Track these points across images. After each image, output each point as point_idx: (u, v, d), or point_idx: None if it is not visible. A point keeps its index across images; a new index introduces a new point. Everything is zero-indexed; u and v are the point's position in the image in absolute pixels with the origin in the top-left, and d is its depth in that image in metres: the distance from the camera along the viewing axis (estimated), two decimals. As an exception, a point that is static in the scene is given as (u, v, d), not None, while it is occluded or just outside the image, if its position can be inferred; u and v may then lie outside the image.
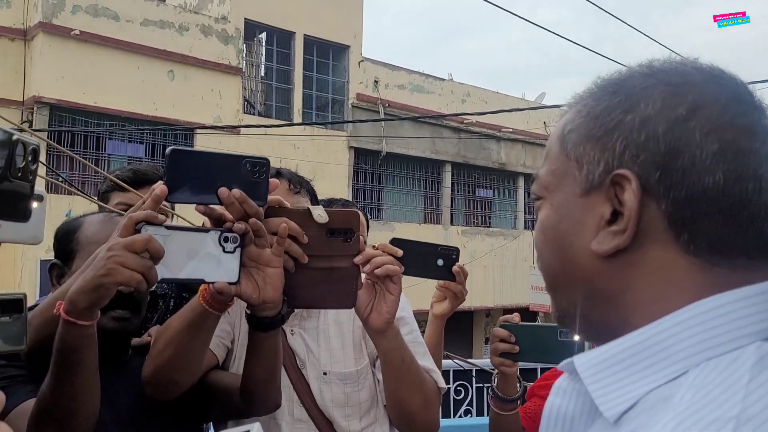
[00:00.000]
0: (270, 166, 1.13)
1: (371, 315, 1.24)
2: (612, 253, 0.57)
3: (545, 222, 0.65)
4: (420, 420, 1.42)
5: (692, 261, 0.56)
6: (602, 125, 0.60)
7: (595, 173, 0.59)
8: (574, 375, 0.60)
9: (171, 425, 1.40)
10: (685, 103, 0.57)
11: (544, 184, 0.65)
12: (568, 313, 0.64)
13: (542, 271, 0.67)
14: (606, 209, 0.58)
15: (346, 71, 14.41)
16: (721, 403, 0.47)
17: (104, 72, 11.18)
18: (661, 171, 0.56)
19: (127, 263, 0.98)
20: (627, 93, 0.60)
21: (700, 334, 0.52)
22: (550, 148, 0.66)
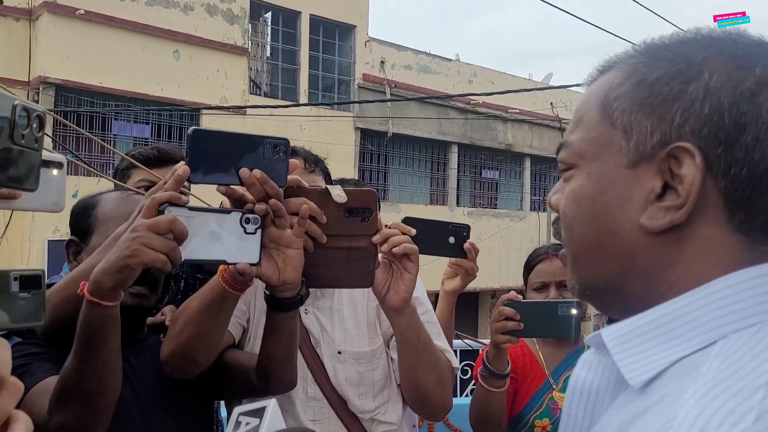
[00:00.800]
0: (290, 146, 1.12)
1: (388, 294, 1.24)
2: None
3: (580, 192, 0.61)
4: (434, 399, 1.43)
5: (740, 240, 0.55)
6: (659, 94, 0.56)
7: (647, 144, 0.57)
8: (601, 348, 0.60)
9: (187, 402, 1.42)
10: (753, 77, 0.55)
11: (579, 152, 0.62)
12: (595, 287, 0.62)
13: (569, 243, 0.64)
14: (657, 182, 0.56)
15: (353, 51, 14.32)
16: (750, 370, 0.47)
17: (109, 52, 11.13)
18: (724, 146, 0.54)
19: (151, 244, 0.98)
20: (688, 61, 0.56)
21: (728, 306, 0.52)
22: (585, 114, 0.62)
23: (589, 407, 0.62)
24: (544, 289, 1.89)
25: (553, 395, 1.83)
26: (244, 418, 0.85)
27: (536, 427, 1.79)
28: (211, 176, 1.05)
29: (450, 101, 14.95)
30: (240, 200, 1.10)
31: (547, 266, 1.91)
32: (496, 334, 1.64)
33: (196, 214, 1.03)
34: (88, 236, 1.37)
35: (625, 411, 0.55)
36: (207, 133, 1.06)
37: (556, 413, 1.79)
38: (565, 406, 0.64)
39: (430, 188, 15.85)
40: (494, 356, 1.68)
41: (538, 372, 1.86)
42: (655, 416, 0.49)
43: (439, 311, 1.90)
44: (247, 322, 1.54)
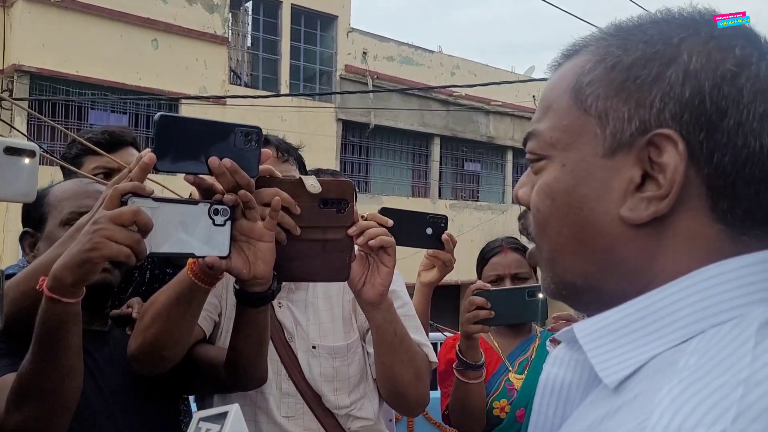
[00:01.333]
0: (262, 135, 1.08)
1: (364, 287, 1.20)
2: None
3: (554, 185, 0.57)
4: (411, 394, 1.40)
5: (722, 229, 0.52)
6: (637, 78, 0.53)
7: (624, 131, 0.53)
8: (572, 344, 0.57)
9: (154, 397, 1.37)
10: (732, 58, 0.52)
11: (551, 141, 0.58)
12: (572, 285, 0.59)
13: (543, 240, 0.59)
14: (636, 172, 0.53)
15: (334, 42, 14.22)
16: (728, 367, 0.45)
17: (86, 40, 10.95)
18: (706, 132, 0.50)
19: (114, 237, 0.93)
20: (664, 42, 0.53)
21: (704, 300, 0.50)
22: (555, 101, 0.58)
23: (560, 404, 0.59)
24: (499, 281, 1.93)
25: (509, 377, 1.86)
26: (205, 424, 0.81)
27: (494, 408, 1.81)
28: (179, 165, 1.01)
29: (432, 93, 14.93)
30: (209, 190, 1.06)
31: (501, 259, 1.94)
32: (468, 324, 1.66)
33: (162, 205, 0.99)
34: (43, 223, 1.33)
35: (596, 409, 0.53)
36: (175, 119, 1.02)
37: (513, 394, 1.83)
38: (536, 403, 0.62)
39: (412, 180, 15.84)
40: (467, 348, 1.70)
41: (493, 357, 1.90)
42: (627, 416, 0.47)
43: (416, 303, 1.89)
44: (219, 316, 1.49)
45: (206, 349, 1.42)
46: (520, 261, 1.95)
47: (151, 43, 11.82)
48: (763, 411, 0.42)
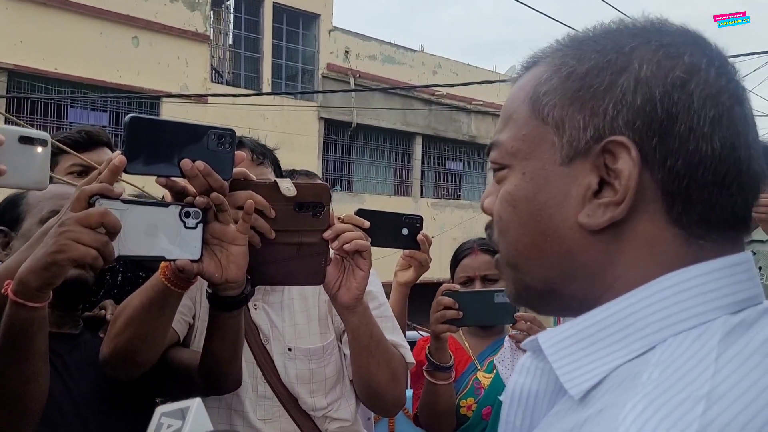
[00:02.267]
0: (236, 137, 1.08)
1: (340, 291, 1.20)
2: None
3: (515, 193, 0.58)
4: (387, 395, 1.40)
5: (678, 233, 0.53)
6: (590, 87, 0.54)
7: (580, 139, 0.54)
8: (538, 353, 0.58)
9: (127, 401, 1.36)
10: (682, 65, 0.53)
11: (511, 150, 0.59)
12: (533, 290, 0.60)
13: (505, 247, 0.60)
14: (593, 179, 0.54)
15: (317, 40, 14.17)
16: (690, 381, 0.45)
17: (65, 37, 10.80)
18: (659, 138, 0.52)
19: (81, 239, 0.92)
20: (616, 51, 0.54)
21: (666, 309, 0.51)
22: (515, 111, 0.59)
23: (528, 413, 0.60)
24: (470, 283, 1.93)
25: (478, 375, 1.87)
26: (167, 420, 0.80)
27: (462, 407, 1.82)
28: (151, 167, 1.00)
29: (414, 92, 14.93)
30: (181, 193, 1.05)
31: (471, 261, 1.95)
32: (436, 324, 1.66)
33: (131, 207, 0.98)
34: (19, 223, 1.31)
35: (563, 421, 0.53)
36: (146, 121, 1.01)
37: (480, 392, 1.83)
38: (503, 413, 0.62)
39: (394, 179, 15.83)
40: (436, 349, 1.71)
41: (463, 357, 1.90)
42: (592, 430, 0.47)
43: (392, 302, 1.90)
44: (193, 318, 1.48)
45: (180, 353, 1.41)
46: (490, 263, 1.95)
47: (131, 41, 11.68)
48: (724, 426, 0.42)
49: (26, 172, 0.97)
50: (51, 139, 1.01)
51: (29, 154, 0.98)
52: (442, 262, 1.83)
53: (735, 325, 0.49)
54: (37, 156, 0.99)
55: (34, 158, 0.99)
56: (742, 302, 0.51)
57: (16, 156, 0.97)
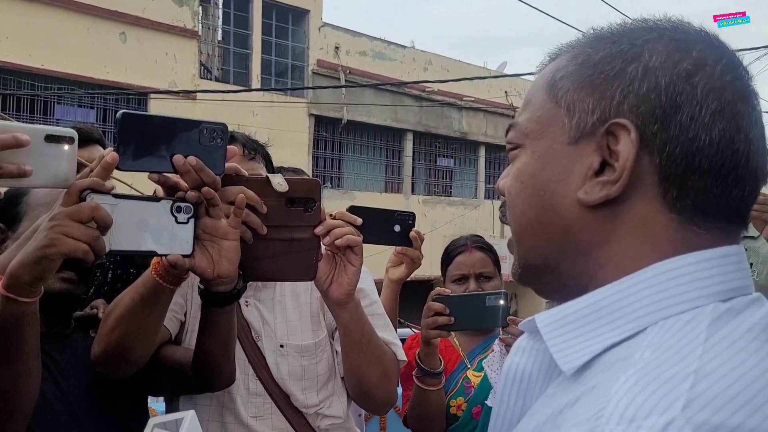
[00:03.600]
0: (228, 132, 1.07)
1: (331, 287, 1.20)
2: (597, 204, 0.56)
3: (524, 169, 0.62)
4: (378, 393, 1.40)
5: (673, 218, 0.55)
6: (602, 73, 0.58)
7: (587, 121, 0.58)
8: (534, 333, 0.61)
9: (119, 399, 1.35)
10: (690, 59, 0.56)
11: (525, 131, 0.63)
12: (534, 265, 0.62)
13: (512, 221, 0.64)
14: (595, 159, 0.57)
15: (306, 36, 14.12)
16: (679, 359, 0.48)
17: (52, 33, 10.70)
18: (660, 124, 0.55)
19: (71, 233, 0.91)
20: (630, 43, 0.58)
21: (659, 293, 0.53)
22: (534, 96, 0.63)
23: (521, 393, 0.63)
24: (464, 280, 1.90)
25: (468, 374, 1.85)
26: (159, 431, 0.79)
27: (452, 407, 1.80)
28: (143, 163, 0.99)
29: (405, 88, 14.93)
30: (174, 189, 1.05)
31: (466, 258, 1.91)
32: (427, 330, 1.64)
33: (122, 202, 0.97)
34: (17, 223, 1.30)
35: (557, 399, 0.56)
36: (138, 116, 1.01)
37: (471, 392, 1.82)
38: (498, 392, 0.65)
39: (385, 176, 15.83)
40: (425, 354, 1.68)
41: (453, 355, 1.88)
42: (586, 405, 0.49)
43: (384, 299, 1.90)
44: (185, 316, 1.47)
45: (172, 350, 1.40)
46: (484, 260, 1.93)
47: (119, 36, 11.60)
48: (710, 401, 0.45)
49: (54, 171, 0.96)
50: (77, 135, 0.99)
51: (56, 152, 0.97)
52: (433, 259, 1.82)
53: (724, 311, 0.52)
54: (64, 154, 0.98)
55: (61, 156, 0.98)
56: (732, 291, 0.54)
57: (42, 156, 0.96)
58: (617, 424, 0.44)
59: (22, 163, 0.92)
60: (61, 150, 0.97)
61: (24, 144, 0.92)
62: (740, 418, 0.44)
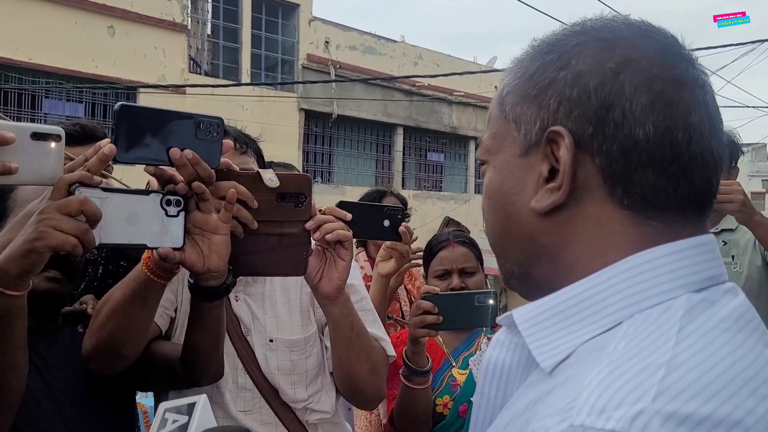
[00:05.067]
0: (224, 126, 1.07)
1: (321, 282, 1.20)
2: (550, 210, 0.58)
3: (489, 185, 0.65)
4: (367, 388, 1.41)
5: (626, 215, 0.56)
6: (537, 84, 0.60)
7: (532, 132, 0.60)
8: (512, 328, 0.62)
9: (107, 395, 1.35)
10: (615, 58, 0.57)
11: (487, 148, 0.65)
12: (512, 272, 0.65)
13: (488, 235, 0.67)
14: (544, 167, 0.59)
15: (296, 31, 14.07)
16: (652, 350, 0.49)
17: (39, 26, 10.60)
18: (594, 126, 0.56)
19: (60, 226, 0.91)
20: (560, 51, 0.60)
21: (632, 287, 0.54)
22: (492, 113, 0.66)
23: (501, 386, 0.64)
24: (447, 276, 1.88)
25: (453, 372, 1.83)
26: (171, 415, 0.80)
27: (437, 405, 1.78)
28: (139, 155, 1.00)
29: (395, 83, 14.91)
30: (169, 182, 1.05)
31: (449, 253, 1.89)
32: (415, 329, 1.63)
33: (112, 196, 0.98)
34: (4, 219, 1.29)
35: (532, 390, 0.57)
36: (135, 109, 1.01)
37: (456, 390, 1.80)
38: (479, 385, 0.66)
39: (375, 171, 15.82)
40: (413, 353, 1.67)
41: (438, 353, 1.86)
42: (558, 397, 0.50)
43: (373, 294, 1.90)
44: (175, 312, 1.47)
45: (161, 345, 1.40)
46: (467, 255, 1.90)
47: (107, 30, 11.51)
48: (681, 391, 0.46)
49: (40, 169, 0.96)
50: (64, 133, 0.99)
51: (42, 150, 0.97)
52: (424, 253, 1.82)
53: (697, 302, 0.53)
54: (50, 152, 0.98)
55: (47, 154, 0.98)
56: (704, 281, 0.55)
57: (28, 153, 0.96)
58: (587, 415, 0.45)
59: (7, 160, 0.92)
60: (47, 148, 0.97)
61: (9, 141, 0.92)
62: (711, 408, 0.45)
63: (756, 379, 0.48)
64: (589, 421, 0.45)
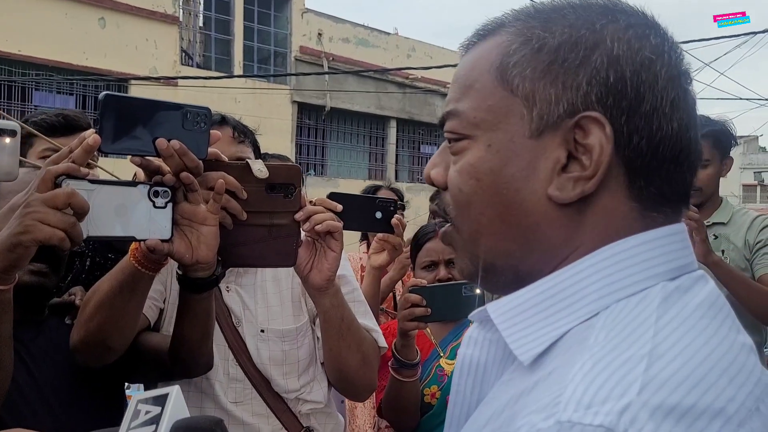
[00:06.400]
0: (211, 116, 1.06)
1: (311, 273, 1.19)
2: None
3: (479, 165, 0.57)
4: (358, 379, 1.40)
5: (633, 207, 0.55)
6: (564, 61, 0.54)
7: (552, 113, 0.54)
8: (486, 323, 0.60)
9: (94, 387, 1.34)
10: (650, 46, 0.54)
11: (475, 121, 0.58)
12: (492, 265, 0.59)
13: (465, 221, 0.59)
14: (561, 153, 0.54)
15: (289, 23, 14.01)
16: (633, 341, 0.48)
17: (29, 18, 10.51)
18: (627, 116, 0.53)
19: (47, 219, 0.90)
20: (588, 29, 0.55)
21: (609, 277, 0.53)
22: (477, 80, 0.58)
23: (477, 383, 0.62)
24: (434, 267, 1.88)
25: (441, 363, 1.83)
26: (144, 407, 0.79)
27: (425, 395, 1.79)
28: (125, 146, 0.98)
29: (388, 75, 14.88)
30: (156, 172, 1.03)
31: (435, 244, 1.89)
32: (404, 322, 1.63)
33: (98, 188, 0.96)
34: None
35: (513, 385, 0.55)
36: (121, 99, 0.99)
37: (444, 380, 1.80)
38: (454, 383, 0.64)
39: (368, 163, 15.82)
40: (402, 346, 1.67)
41: (426, 344, 1.87)
42: (543, 391, 0.49)
43: (365, 286, 1.90)
44: (164, 303, 1.46)
45: (150, 337, 1.39)
46: None
47: (98, 22, 11.43)
48: (665, 382, 0.45)
49: None
50: (20, 128, 0.97)
51: None
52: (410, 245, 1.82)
53: (672, 290, 0.52)
54: (5, 147, 0.97)
55: (2, 150, 0.96)
56: (678, 269, 0.54)
57: None
58: (575, 411, 0.44)
59: None
60: (2, 143, 0.96)
61: None
62: (695, 398, 0.45)
63: (733, 367, 0.48)
64: (577, 416, 0.44)
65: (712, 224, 2.28)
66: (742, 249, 2.24)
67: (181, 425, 0.75)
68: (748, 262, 2.23)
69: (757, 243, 2.22)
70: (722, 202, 2.35)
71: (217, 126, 1.46)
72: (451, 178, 0.60)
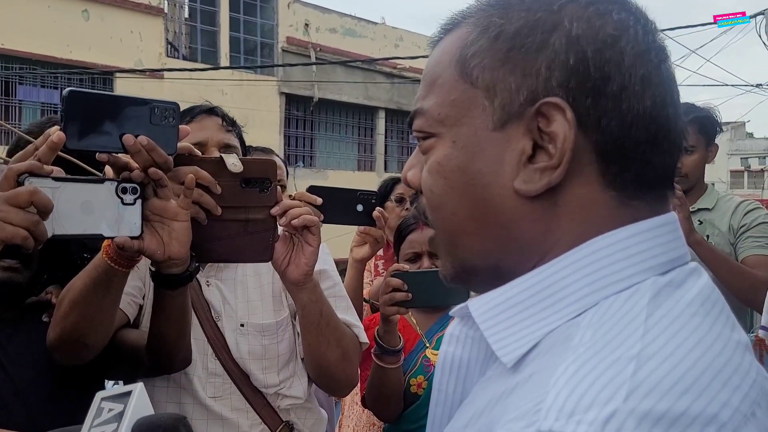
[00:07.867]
0: (179, 111, 1.05)
1: (289, 267, 1.19)
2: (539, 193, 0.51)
3: (446, 163, 0.55)
4: (338, 375, 1.40)
5: (612, 196, 0.51)
6: (522, 46, 0.51)
7: (513, 102, 0.52)
8: (467, 320, 0.57)
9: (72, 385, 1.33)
10: (612, 23, 0.51)
11: (439, 118, 0.55)
12: (472, 266, 0.57)
13: (440, 222, 0.57)
14: (527, 143, 0.51)
15: (275, 13, 13.91)
16: (620, 342, 0.45)
17: (11, 11, 10.39)
18: (592, 98, 0.50)
19: (9, 218, 0.88)
20: (545, 10, 0.52)
21: (597, 272, 0.50)
22: (440, 75, 0.56)
23: (460, 381, 0.60)
24: (417, 259, 1.87)
25: (426, 353, 1.83)
26: (107, 404, 0.79)
27: (411, 385, 1.79)
28: (91, 143, 0.97)
29: (376, 65, 14.83)
30: (124, 169, 1.02)
31: (418, 236, 1.87)
32: (385, 307, 1.62)
33: (63, 185, 0.95)
34: None
35: (494, 386, 0.52)
36: (86, 94, 0.97)
37: (430, 370, 1.79)
38: (435, 381, 0.62)
39: (357, 154, 15.79)
40: (385, 332, 1.67)
41: (411, 334, 1.86)
42: (524, 396, 0.46)
43: (348, 280, 1.89)
44: (143, 299, 1.45)
45: (128, 334, 1.38)
46: None
47: (81, 14, 11.31)
48: (654, 386, 0.42)
49: None
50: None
51: None
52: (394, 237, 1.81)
53: (663, 285, 0.49)
54: None
55: None
56: (669, 263, 0.51)
57: None
58: (556, 419, 0.41)
59: None
60: None
61: None
62: (685, 403, 0.42)
63: (727, 369, 0.45)
64: (558, 425, 0.41)
65: (697, 210, 2.29)
66: (727, 234, 2.25)
67: (144, 423, 0.75)
68: (733, 247, 2.24)
69: (741, 227, 2.23)
70: (708, 189, 2.36)
71: (206, 114, 1.47)
72: (424, 179, 0.58)
